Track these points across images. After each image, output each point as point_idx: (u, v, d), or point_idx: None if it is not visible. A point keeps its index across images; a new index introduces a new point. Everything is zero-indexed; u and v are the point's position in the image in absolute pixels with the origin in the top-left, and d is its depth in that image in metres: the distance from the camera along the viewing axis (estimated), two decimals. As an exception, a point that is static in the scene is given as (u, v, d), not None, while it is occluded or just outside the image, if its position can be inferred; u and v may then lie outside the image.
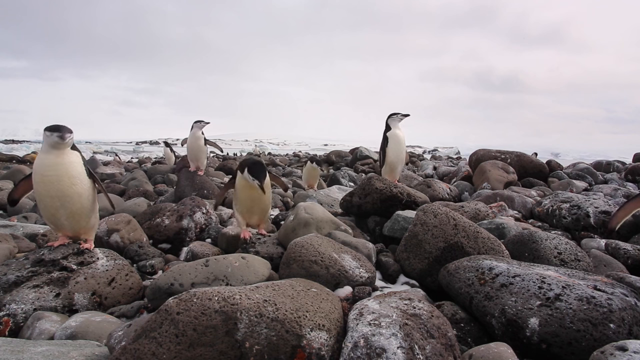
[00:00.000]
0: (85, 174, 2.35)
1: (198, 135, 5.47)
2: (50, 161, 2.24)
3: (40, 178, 2.25)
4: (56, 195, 2.25)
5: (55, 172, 2.23)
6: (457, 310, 1.98)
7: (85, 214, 2.39)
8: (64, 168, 2.24)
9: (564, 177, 6.46)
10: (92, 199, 2.42)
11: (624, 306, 1.65)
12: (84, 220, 2.41)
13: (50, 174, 2.23)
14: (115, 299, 2.34)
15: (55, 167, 2.24)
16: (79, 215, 2.36)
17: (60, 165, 2.24)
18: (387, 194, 3.44)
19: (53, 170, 2.23)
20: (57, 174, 2.24)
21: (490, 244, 2.47)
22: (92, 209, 2.45)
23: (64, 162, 2.26)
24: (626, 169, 7.86)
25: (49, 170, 2.23)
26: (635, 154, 10.07)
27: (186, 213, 3.49)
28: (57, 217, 2.32)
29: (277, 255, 2.70)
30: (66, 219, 2.33)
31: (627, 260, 2.80)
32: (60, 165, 2.24)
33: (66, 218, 2.33)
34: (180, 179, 5.30)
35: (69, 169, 2.26)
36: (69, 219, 2.34)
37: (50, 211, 2.32)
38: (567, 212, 3.72)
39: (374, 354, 1.39)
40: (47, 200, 2.27)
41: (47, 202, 2.28)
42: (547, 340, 1.64)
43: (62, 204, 2.27)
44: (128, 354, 1.44)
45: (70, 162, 2.28)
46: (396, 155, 4.36)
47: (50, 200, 2.27)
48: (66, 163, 2.26)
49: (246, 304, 1.54)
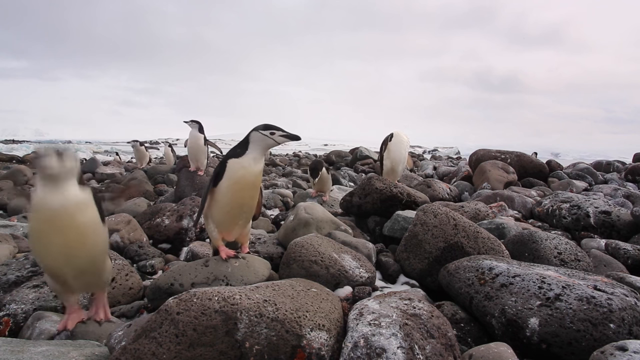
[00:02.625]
0: (99, 217, 1.77)
1: (197, 135, 5.48)
2: (48, 204, 1.61)
3: (38, 227, 1.65)
4: (62, 252, 1.68)
5: (55, 224, 1.63)
6: (457, 310, 1.98)
7: (96, 270, 1.84)
8: (72, 218, 1.65)
9: (564, 177, 6.46)
10: (105, 249, 1.88)
11: (624, 306, 1.65)
12: (95, 277, 1.87)
13: (48, 227, 1.63)
14: (115, 299, 2.34)
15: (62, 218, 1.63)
16: (90, 272, 1.82)
17: (68, 214, 1.64)
18: (387, 194, 3.44)
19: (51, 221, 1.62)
20: (60, 227, 1.63)
21: (490, 244, 2.47)
22: (105, 262, 1.90)
23: (69, 207, 1.63)
24: (626, 169, 7.86)
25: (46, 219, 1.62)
26: (635, 154, 10.07)
27: (186, 213, 3.49)
28: (63, 276, 1.76)
29: (277, 255, 2.70)
30: (74, 277, 1.77)
31: (627, 260, 2.80)
32: (68, 214, 1.64)
33: (74, 277, 1.76)
34: (180, 179, 5.30)
35: (77, 217, 1.66)
36: (77, 278, 1.78)
37: (53, 271, 1.76)
38: (567, 212, 3.72)
39: (374, 354, 1.39)
40: (49, 260, 1.71)
41: (49, 262, 1.72)
42: (547, 340, 1.64)
43: (67, 262, 1.71)
44: (128, 354, 1.44)
45: (79, 207, 1.67)
46: (397, 155, 4.36)
47: (53, 259, 1.70)
48: (75, 209, 1.65)
49: (246, 304, 1.54)
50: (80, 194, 1.68)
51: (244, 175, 2.10)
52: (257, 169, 2.13)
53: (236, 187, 2.12)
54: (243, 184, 2.12)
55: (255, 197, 2.24)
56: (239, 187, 2.12)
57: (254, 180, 2.15)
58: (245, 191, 2.15)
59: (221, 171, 2.12)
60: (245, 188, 2.14)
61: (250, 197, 2.20)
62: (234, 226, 2.24)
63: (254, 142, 2.12)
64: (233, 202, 2.15)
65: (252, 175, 2.12)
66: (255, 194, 2.23)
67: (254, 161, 2.11)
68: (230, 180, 2.10)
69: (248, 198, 2.19)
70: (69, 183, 1.65)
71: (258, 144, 2.11)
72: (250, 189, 2.16)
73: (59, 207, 1.61)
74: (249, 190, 2.16)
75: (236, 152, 2.12)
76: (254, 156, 2.11)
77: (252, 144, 2.12)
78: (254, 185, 2.16)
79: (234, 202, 2.15)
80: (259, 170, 2.15)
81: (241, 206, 2.19)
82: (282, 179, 7.95)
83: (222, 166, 2.12)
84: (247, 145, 2.12)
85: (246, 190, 2.15)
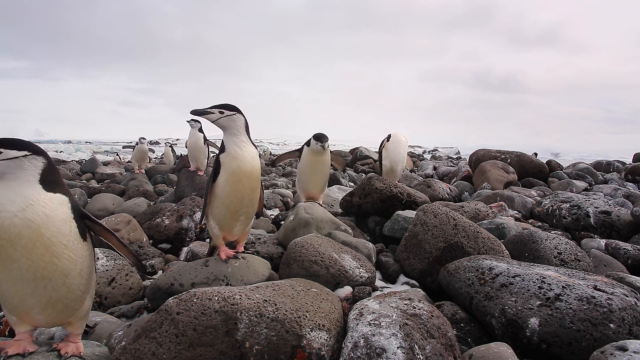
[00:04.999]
0: (77, 232, 1.39)
1: (197, 135, 5.48)
2: (10, 220, 1.27)
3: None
4: (23, 278, 1.31)
5: (19, 242, 1.27)
6: (457, 310, 1.98)
7: (73, 299, 1.43)
8: (36, 231, 1.29)
9: (564, 177, 6.46)
10: (86, 273, 1.45)
11: (624, 306, 1.65)
12: (70, 309, 1.45)
13: (10, 244, 1.27)
14: (115, 299, 2.34)
15: (20, 230, 1.27)
16: (64, 303, 1.41)
17: (29, 226, 1.28)
18: (387, 194, 3.43)
19: (16, 237, 1.27)
20: (24, 245, 1.28)
21: (490, 244, 2.47)
22: (86, 288, 1.47)
23: (35, 219, 1.29)
24: (626, 169, 7.87)
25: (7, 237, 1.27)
26: (635, 154, 10.08)
27: (186, 213, 3.49)
28: (24, 308, 1.37)
29: (277, 255, 2.70)
30: (41, 310, 1.39)
31: (627, 260, 2.80)
32: (31, 227, 1.29)
33: (41, 309, 1.38)
34: (180, 179, 5.30)
35: (43, 231, 1.30)
36: (46, 309, 1.39)
37: (12, 301, 1.36)
38: (567, 212, 3.72)
39: (374, 354, 1.39)
40: (7, 286, 1.33)
41: (7, 288, 1.34)
42: (547, 340, 1.64)
43: (33, 291, 1.33)
44: (128, 354, 1.44)
45: (47, 217, 1.32)
46: (395, 155, 4.36)
47: (11, 286, 1.32)
48: (39, 221, 1.30)
49: (246, 304, 1.54)
50: (51, 206, 1.34)
51: (239, 165, 2.10)
52: (249, 156, 2.13)
53: (234, 179, 2.10)
54: (240, 175, 2.10)
55: (256, 189, 2.21)
56: (237, 179, 2.10)
57: (251, 169, 2.13)
58: (244, 182, 2.12)
59: (217, 166, 2.13)
60: (244, 179, 2.12)
61: (251, 188, 2.17)
62: (236, 222, 2.21)
63: (221, 129, 2.17)
64: (232, 195, 2.12)
65: (248, 164, 2.12)
66: (256, 186, 2.20)
67: (239, 147, 2.12)
68: (228, 172, 2.10)
69: (248, 190, 2.15)
70: (25, 185, 1.32)
71: (223, 129, 2.15)
72: (249, 179, 2.13)
73: (13, 218, 1.27)
74: (248, 180, 2.13)
75: (222, 147, 2.18)
76: (233, 141, 2.13)
77: (222, 131, 2.17)
78: (251, 174, 2.14)
79: (234, 194, 2.12)
80: (251, 156, 2.14)
81: (241, 199, 2.15)
82: (282, 179, 7.95)
83: (216, 162, 2.15)
84: (224, 136, 2.18)
85: (245, 181, 2.12)
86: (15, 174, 1.32)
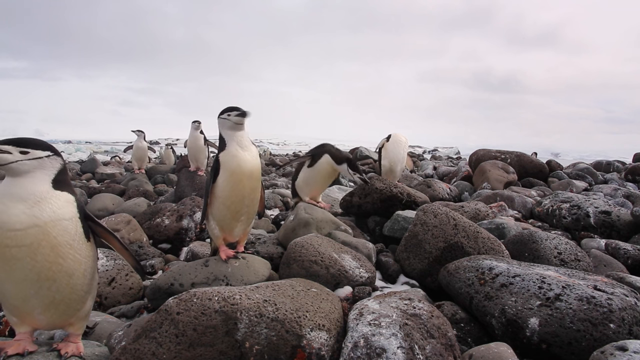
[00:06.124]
0: (82, 232, 1.40)
1: (197, 135, 5.49)
2: (17, 217, 1.27)
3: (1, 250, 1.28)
4: (27, 279, 1.30)
5: (24, 241, 1.27)
6: (457, 310, 1.98)
7: (76, 299, 1.43)
8: (41, 232, 1.29)
9: (564, 177, 6.46)
10: (90, 273, 1.46)
11: (624, 306, 1.65)
12: (73, 310, 1.45)
13: (15, 243, 1.26)
14: (115, 299, 2.34)
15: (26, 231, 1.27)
16: (66, 303, 1.41)
17: (34, 226, 1.28)
18: (387, 194, 3.43)
19: (21, 237, 1.27)
20: (29, 244, 1.28)
21: (490, 244, 2.47)
22: (89, 288, 1.48)
23: (41, 218, 1.29)
24: (626, 169, 7.87)
25: (13, 236, 1.26)
26: (635, 154, 10.08)
27: (186, 213, 3.49)
28: (26, 309, 1.37)
29: (277, 255, 2.70)
30: (43, 311, 1.38)
31: (627, 260, 2.80)
32: (35, 227, 1.28)
33: (43, 310, 1.38)
34: (180, 179, 5.30)
35: (49, 229, 1.30)
36: (48, 310, 1.39)
37: (14, 302, 1.36)
38: (567, 212, 3.72)
39: (374, 354, 1.39)
40: (9, 287, 1.33)
41: (10, 289, 1.33)
42: (547, 340, 1.64)
43: (36, 292, 1.33)
44: (128, 354, 1.44)
45: (54, 214, 1.32)
46: (395, 155, 4.36)
47: (14, 286, 1.32)
48: (46, 218, 1.30)
49: (246, 304, 1.54)
50: (58, 204, 1.34)
51: (239, 165, 2.07)
52: (248, 156, 2.11)
53: (234, 178, 2.08)
54: (240, 174, 2.08)
55: (256, 189, 2.19)
56: (237, 178, 2.07)
57: (251, 168, 2.11)
58: (244, 182, 2.10)
59: (217, 166, 2.11)
60: (244, 178, 2.09)
61: (251, 188, 2.14)
62: (237, 223, 2.18)
63: (223, 130, 2.15)
64: (233, 195, 2.10)
65: (248, 163, 2.10)
66: (256, 186, 2.18)
67: (240, 148, 2.11)
68: (227, 172, 2.07)
69: (248, 190, 2.13)
70: (38, 183, 1.33)
71: (226, 130, 2.13)
72: (249, 179, 2.11)
73: (24, 218, 1.27)
74: (248, 180, 2.11)
75: (222, 146, 2.16)
76: (236, 142, 2.11)
77: (222, 132, 2.15)
78: (251, 174, 2.11)
79: (234, 194, 2.10)
80: (251, 157, 2.12)
81: (242, 199, 2.12)
82: (282, 179, 7.95)
83: (216, 162, 2.13)
84: (222, 135, 2.15)
85: (245, 181, 2.10)
86: (34, 172, 1.34)
